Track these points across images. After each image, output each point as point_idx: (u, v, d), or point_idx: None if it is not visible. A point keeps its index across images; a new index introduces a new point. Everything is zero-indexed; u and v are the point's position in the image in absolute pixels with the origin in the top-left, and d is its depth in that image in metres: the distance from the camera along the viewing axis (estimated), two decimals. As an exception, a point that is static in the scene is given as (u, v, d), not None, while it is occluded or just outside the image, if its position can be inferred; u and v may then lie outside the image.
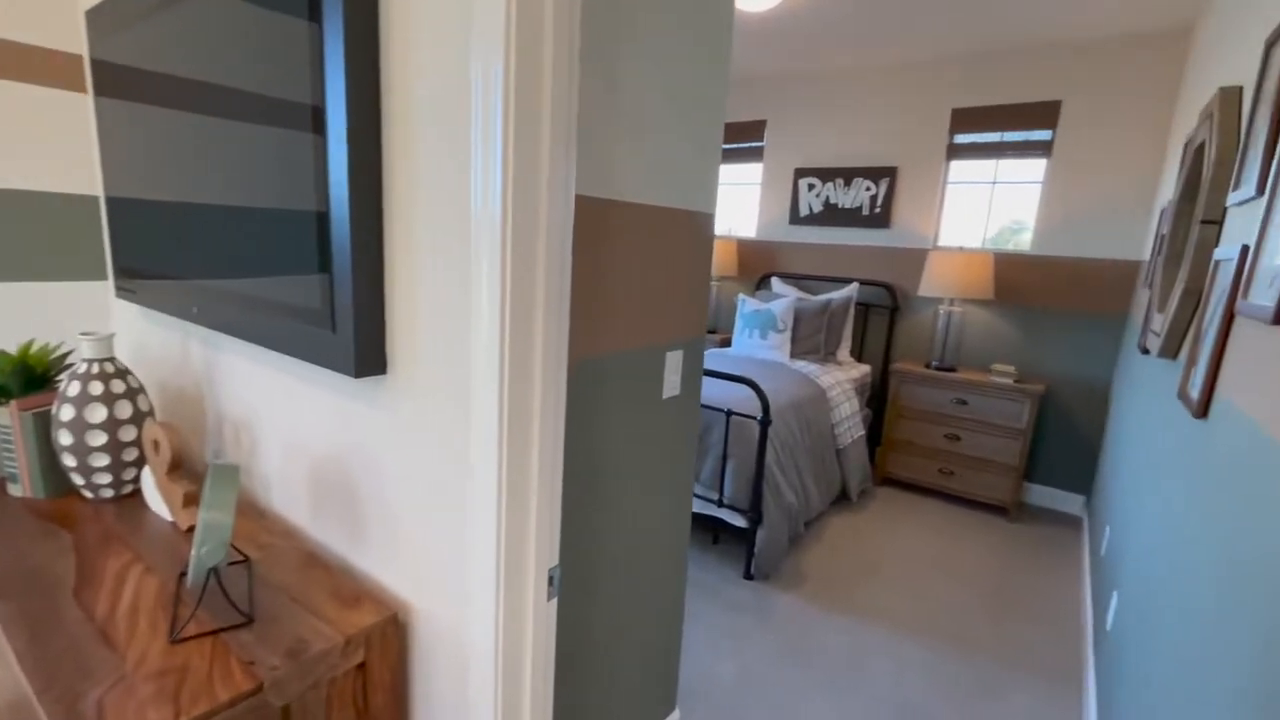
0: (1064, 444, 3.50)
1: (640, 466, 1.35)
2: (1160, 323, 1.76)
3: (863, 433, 3.55)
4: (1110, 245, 3.26)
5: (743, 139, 4.40)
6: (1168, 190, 2.58)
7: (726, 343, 4.38)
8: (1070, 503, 3.51)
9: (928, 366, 3.56)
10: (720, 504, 2.65)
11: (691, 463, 1.56)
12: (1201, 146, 1.68)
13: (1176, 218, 1.94)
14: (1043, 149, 3.40)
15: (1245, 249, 1.14)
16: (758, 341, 3.71)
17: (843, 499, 3.44)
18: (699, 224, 1.37)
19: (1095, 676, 1.93)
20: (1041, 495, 3.58)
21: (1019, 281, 3.53)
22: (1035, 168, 3.48)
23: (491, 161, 0.68)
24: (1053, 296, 3.44)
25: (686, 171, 1.28)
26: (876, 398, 3.98)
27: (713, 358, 3.69)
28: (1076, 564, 2.91)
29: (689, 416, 1.48)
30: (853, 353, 4.08)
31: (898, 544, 3.00)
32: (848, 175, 3.96)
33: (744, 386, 2.87)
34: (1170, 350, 1.67)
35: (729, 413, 2.59)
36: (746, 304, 3.83)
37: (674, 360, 1.35)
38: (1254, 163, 1.25)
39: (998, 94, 3.45)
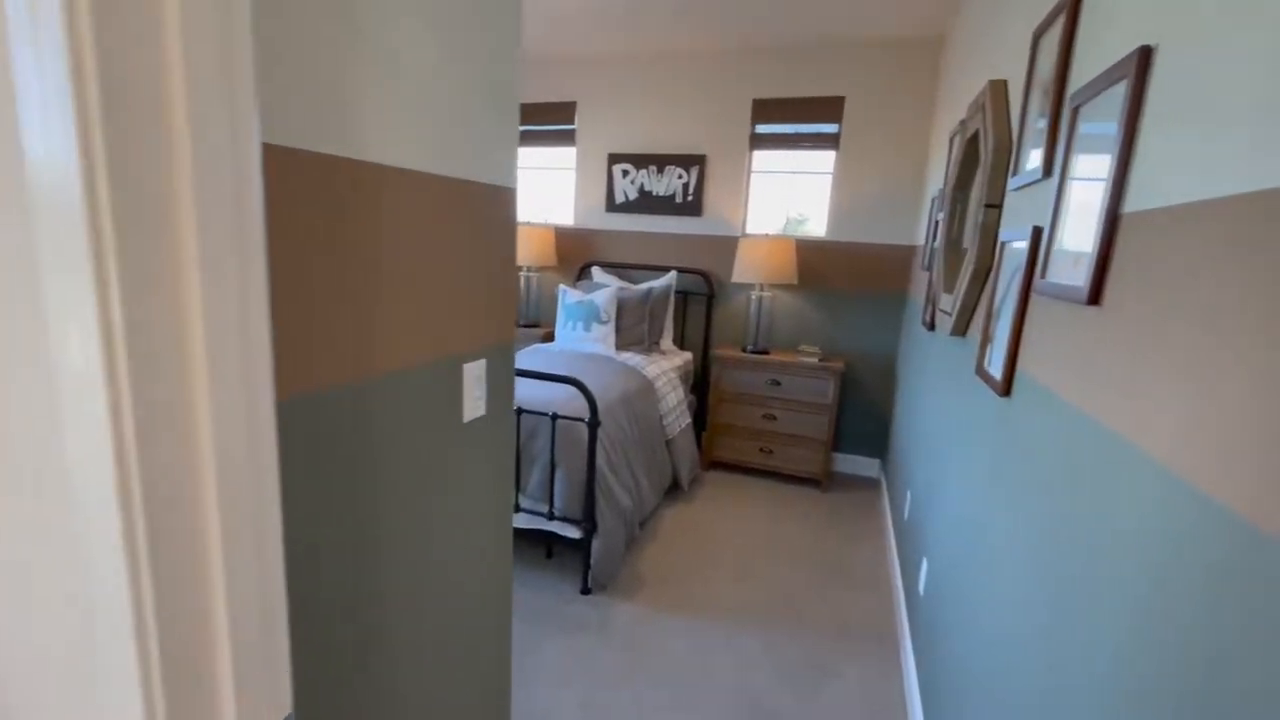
0: (861, 414, 3.83)
1: (441, 507, 1.07)
2: (949, 302, 1.88)
3: (689, 420, 3.56)
4: (890, 231, 3.60)
5: (553, 120, 4.16)
6: (936, 180, 2.87)
7: (550, 337, 4.14)
8: (868, 467, 3.86)
9: (744, 351, 3.67)
10: (551, 517, 2.42)
11: (509, 488, 1.30)
12: (975, 135, 1.81)
13: (952, 203, 2.10)
14: (831, 141, 3.64)
15: (1038, 230, 1.18)
16: (582, 334, 3.53)
17: (675, 489, 3.41)
18: (499, 201, 1.11)
19: (912, 639, 2.05)
20: (845, 463, 3.90)
21: (818, 266, 3.77)
22: (826, 159, 3.73)
23: (50, 53, 0.36)
24: (845, 279, 3.72)
25: (473, 132, 1.01)
26: (700, 384, 4.03)
27: (536, 355, 3.43)
28: (882, 529, 3.18)
29: (501, 437, 1.22)
30: (675, 341, 4.09)
31: (727, 529, 3.03)
32: (660, 162, 3.93)
33: (569, 386, 2.66)
34: (960, 328, 1.79)
35: (554, 416, 2.36)
36: (568, 295, 3.63)
37: (474, 373, 1.08)
38: (1033, 147, 1.31)
39: (793, 87, 3.62)
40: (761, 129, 3.76)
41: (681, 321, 4.07)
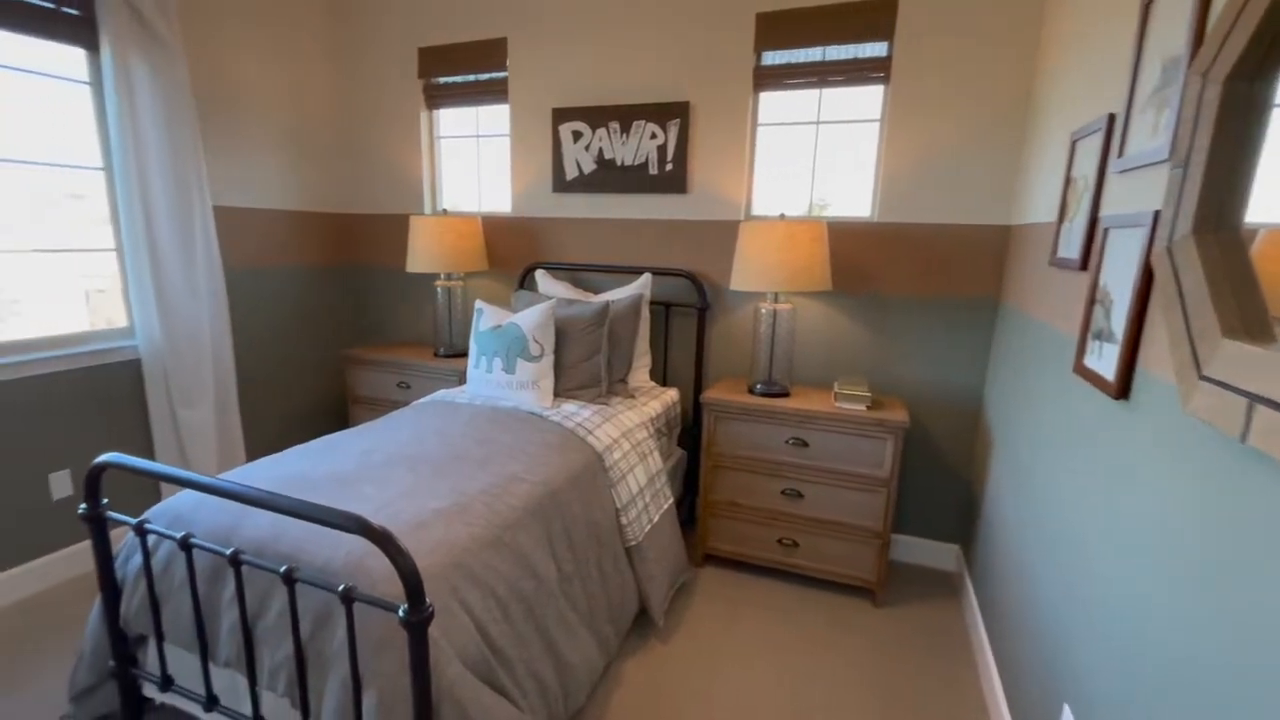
0: (930, 480, 2.58)
1: None
2: (1236, 360, 0.65)
3: (670, 501, 2.35)
4: (974, 205, 2.33)
5: (475, 66, 2.97)
6: (1072, 108, 1.61)
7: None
8: (941, 555, 2.61)
9: (752, 391, 2.44)
10: (357, 775, 1.26)
11: None
12: None
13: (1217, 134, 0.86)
14: (877, 70, 2.38)
15: None
16: (500, 377, 2.35)
17: (644, 618, 2.21)
18: None
19: None
20: (905, 547, 2.65)
21: (862, 262, 2.51)
22: (869, 100, 2.46)
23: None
24: (905, 281, 2.47)
25: None
26: (693, 432, 2.82)
27: (395, 422, 2.26)
28: (973, 656, 1.94)
29: None
30: (655, 374, 2.88)
31: (727, 691, 1.83)
32: (625, 117, 2.71)
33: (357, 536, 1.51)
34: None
35: (345, 593, 1.19)
36: (483, 317, 2.45)
37: None
38: None
39: (816, -15, 2.37)
40: (771, 58, 2.51)
41: (663, 344, 2.86)
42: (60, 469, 2.30)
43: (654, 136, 2.67)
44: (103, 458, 1.39)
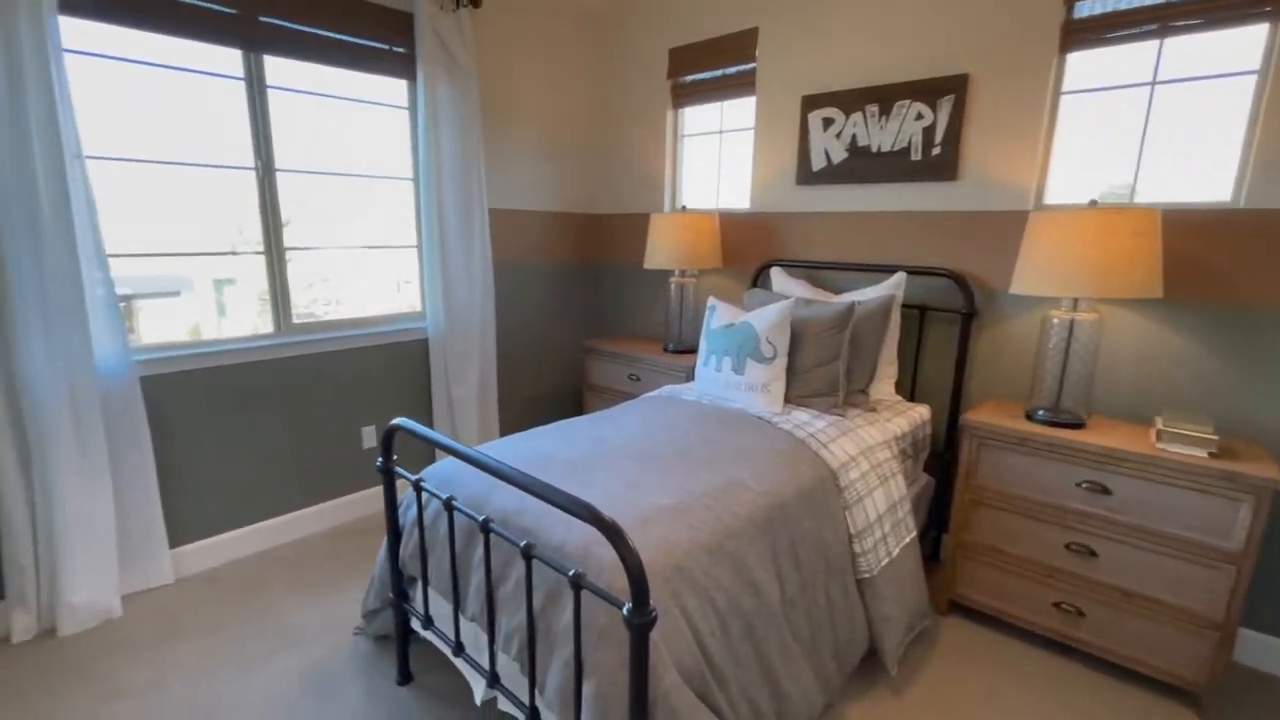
0: (1308, 563, 1.86)
1: None
2: None
3: (913, 534, 2.04)
4: None
5: (723, 61, 2.93)
6: None
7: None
8: (1321, 672, 1.86)
9: (1032, 418, 2.01)
10: (572, 759, 1.27)
11: None
12: None
13: None
14: (1261, 2, 1.76)
15: None
16: (729, 377, 2.26)
17: (876, 664, 1.94)
18: None
19: None
20: (1253, 648, 1.95)
21: (1213, 262, 1.90)
22: (1244, 45, 1.84)
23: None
24: (1275, 285, 1.81)
25: None
26: (943, 459, 2.44)
27: (625, 414, 2.27)
28: None
29: None
30: (901, 388, 2.55)
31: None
32: (886, 99, 2.43)
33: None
34: None
35: (575, 579, 1.19)
36: (716, 314, 2.39)
37: None
38: None
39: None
40: (1087, 7, 2.03)
41: (913, 354, 2.51)
42: (369, 424, 2.82)
43: (919, 117, 2.34)
44: (395, 422, 1.62)
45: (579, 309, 3.68)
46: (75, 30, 1.94)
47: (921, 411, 2.36)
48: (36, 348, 1.88)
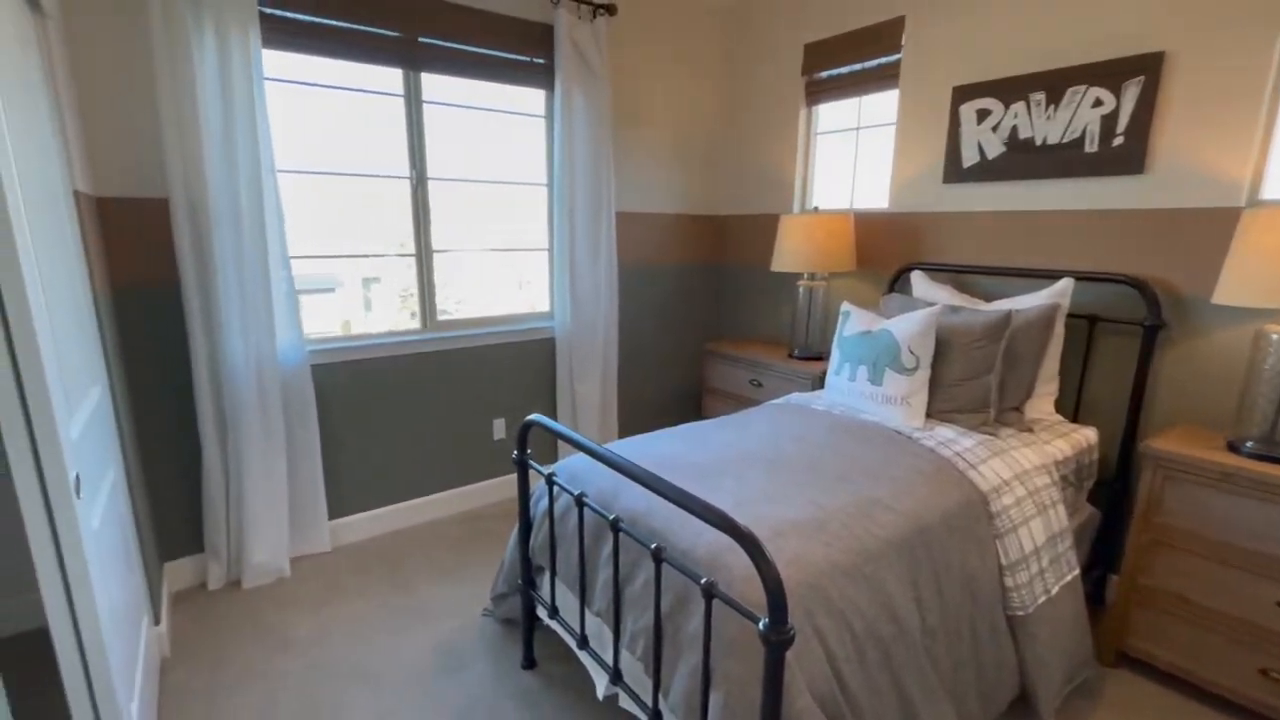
0: None
1: None
2: None
3: (1075, 572, 1.82)
4: None
5: (862, 55, 2.78)
6: None
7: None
8: None
9: (1236, 450, 1.71)
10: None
11: None
12: None
13: None
14: None
15: None
16: (864, 388, 2.13)
17: (1022, 708, 1.75)
18: None
19: None
20: None
21: None
22: None
23: None
24: None
25: None
26: (1112, 489, 2.15)
27: (751, 421, 2.19)
28: None
29: None
30: (1063, 407, 2.28)
31: None
32: (1055, 85, 2.18)
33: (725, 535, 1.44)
34: None
35: (707, 588, 1.17)
36: (850, 320, 2.26)
37: None
38: None
39: None
40: (1330, -36, 1.70)
41: (1078, 370, 2.24)
42: (499, 417, 2.97)
43: (1098, 104, 2.08)
44: (530, 417, 1.68)
45: (701, 311, 3.66)
46: (271, 60, 2.21)
47: (1087, 434, 2.09)
48: (234, 336, 2.16)
